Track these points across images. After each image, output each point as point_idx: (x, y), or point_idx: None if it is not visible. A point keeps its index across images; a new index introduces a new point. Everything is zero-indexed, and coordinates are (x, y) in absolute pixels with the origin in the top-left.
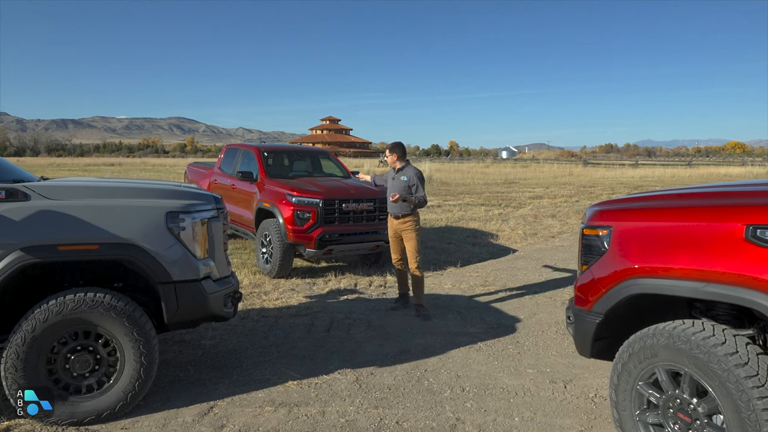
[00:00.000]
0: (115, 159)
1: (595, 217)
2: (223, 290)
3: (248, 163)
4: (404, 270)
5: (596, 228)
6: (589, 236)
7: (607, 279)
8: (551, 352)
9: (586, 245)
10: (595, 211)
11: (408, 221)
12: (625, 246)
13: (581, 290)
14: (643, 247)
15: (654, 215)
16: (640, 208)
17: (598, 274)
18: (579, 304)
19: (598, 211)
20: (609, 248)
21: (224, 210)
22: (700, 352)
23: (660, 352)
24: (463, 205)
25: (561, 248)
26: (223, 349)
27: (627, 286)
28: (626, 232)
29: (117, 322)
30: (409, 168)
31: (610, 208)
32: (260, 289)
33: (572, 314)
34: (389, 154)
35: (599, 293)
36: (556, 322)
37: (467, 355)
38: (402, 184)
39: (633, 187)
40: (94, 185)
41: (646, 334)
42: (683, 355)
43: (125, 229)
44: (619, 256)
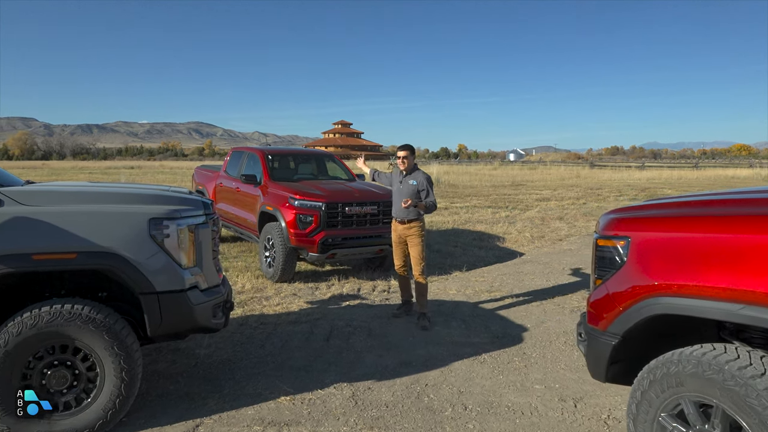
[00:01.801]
0: (136, 162)
1: (611, 226)
2: (211, 300)
3: (252, 166)
4: (407, 277)
5: (612, 238)
6: (604, 247)
7: (625, 296)
8: (560, 366)
9: (601, 257)
10: (610, 219)
11: (414, 226)
12: (645, 259)
13: (595, 307)
14: (667, 261)
15: (680, 225)
16: (664, 217)
17: (614, 290)
18: (592, 323)
19: (614, 219)
20: (627, 261)
21: (214, 215)
22: (735, 383)
23: (687, 381)
24: (470, 208)
25: (569, 252)
26: (217, 359)
27: (648, 305)
28: (647, 243)
29: (96, 336)
30: (418, 172)
31: (628, 216)
32: (261, 294)
33: (584, 332)
34: (402, 157)
35: (616, 312)
36: (565, 331)
37: (471, 367)
38: (411, 189)
39: (640, 189)
40: (74, 190)
41: (671, 360)
42: (714, 386)
43: (105, 237)
44: (639, 271)
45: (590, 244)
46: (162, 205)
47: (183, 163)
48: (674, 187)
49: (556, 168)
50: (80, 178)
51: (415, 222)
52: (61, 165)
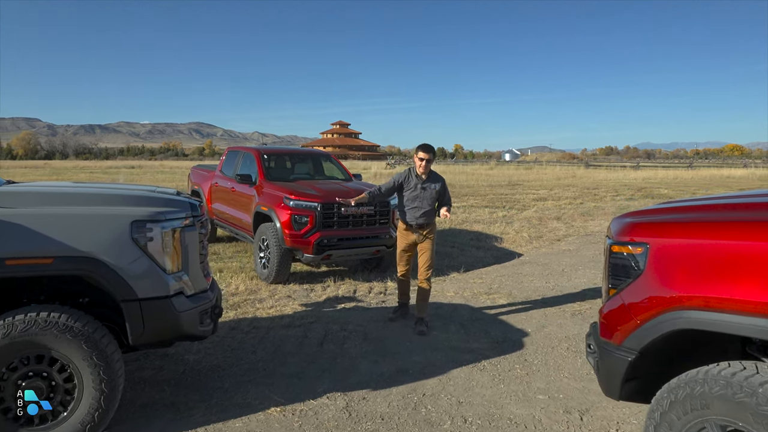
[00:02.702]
0: (137, 162)
1: (627, 230)
2: (198, 307)
3: (248, 165)
4: (408, 281)
5: (628, 245)
6: (618, 255)
7: (643, 308)
8: (563, 374)
9: (615, 265)
10: (626, 223)
11: (431, 230)
12: (666, 268)
13: (609, 319)
14: (691, 270)
15: (706, 231)
16: (687, 222)
17: (630, 301)
18: (605, 336)
19: (630, 224)
20: (645, 270)
21: (202, 217)
22: None
23: (714, 404)
24: (467, 207)
25: (567, 252)
26: (206, 366)
27: (670, 320)
28: (668, 251)
29: (73, 345)
30: (435, 174)
31: (646, 220)
32: (255, 296)
33: (595, 345)
34: (427, 160)
35: (632, 325)
36: (567, 336)
37: (470, 375)
38: (434, 195)
39: (636, 189)
40: (52, 191)
41: (695, 379)
42: (746, 411)
43: (84, 241)
44: (660, 281)
45: (589, 244)
46: (145, 207)
47: (183, 162)
48: (670, 187)
49: (552, 168)
50: (80, 177)
51: (432, 227)
52: (63, 165)
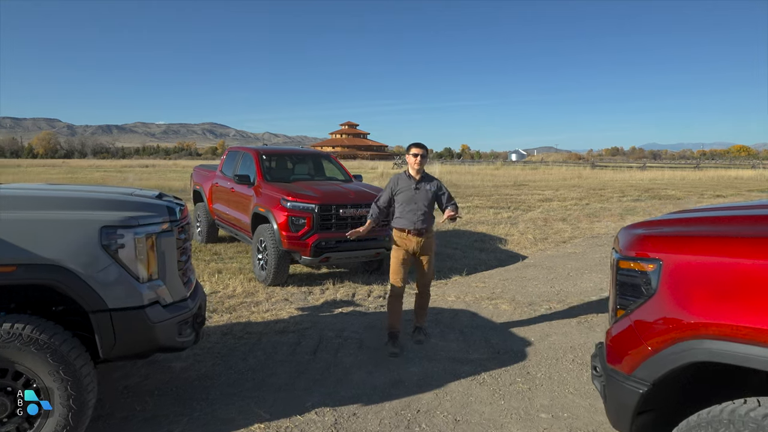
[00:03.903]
0: (151, 161)
1: (637, 244)
2: (175, 317)
3: (246, 166)
4: (402, 302)
5: (639, 261)
6: (627, 271)
7: (656, 335)
8: (568, 389)
9: (623, 283)
10: (636, 236)
11: (431, 237)
12: (684, 289)
13: (617, 344)
14: (713, 292)
15: (733, 247)
16: (709, 236)
17: (641, 325)
18: (613, 362)
19: (641, 236)
20: (658, 290)
21: (181, 222)
22: None
23: None
24: (471, 208)
25: (573, 255)
26: (193, 374)
27: (687, 350)
28: (686, 268)
29: (39, 359)
30: (428, 175)
31: (660, 232)
32: (252, 299)
33: (602, 371)
34: (421, 155)
35: (644, 353)
36: (572, 347)
37: (469, 389)
38: (430, 195)
39: (643, 189)
40: (17, 194)
41: (718, 419)
42: None
43: (49, 248)
44: (675, 304)
45: (595, 247)
46: (117, 212)
47: (196, 161)
48: (678, 188)
49: (558, 168)
50: (95, 176)
51: (431, 233)
52: (80, 163)
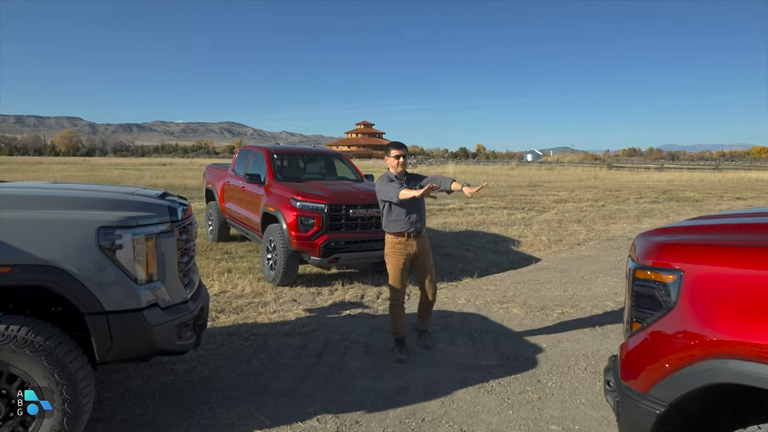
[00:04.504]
0: (169, 159)
1: (656, 252)
2: (174, 320)
3: (258, 165)
4: (404, 308)
5: (657, 271)
6: (644, 282)
7: (676, 351)
8: (580, 400)
9: (640, 294)
10: (654, 243)
11: (426, 238)
12: (707, 303)
13: (632, 359)
14: (740, 307)
15: (762, 258)
16: (735, 245)
17: (659, 340)
18: (628, 379)
19: (660, 244)
20: (678, 303)
21: (182, 222)
22: None
23: None
24: (485, 209)
25: (588, 258)
26: (196, 377)
27: (709, 369)
28: (710, 280)
29: (33, 362)
30: (411, 173)
31: (681, 240)
32: (260, 299)
33: (616, 386)
34: (403, 156)
35: (661, 370)
36: (585, 354)
37: (476, 398)
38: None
39: (661, 191)
40: (13, 193)
41: None
42: None
43: (45, 248)
44: (697, 319)
45: (610, 249)
46: (115, 211)
47: (213, 160)
48: (696, 190)
49: (574, 169)
50: (113, 173)
51: (426, 234)
52: (99, 161)
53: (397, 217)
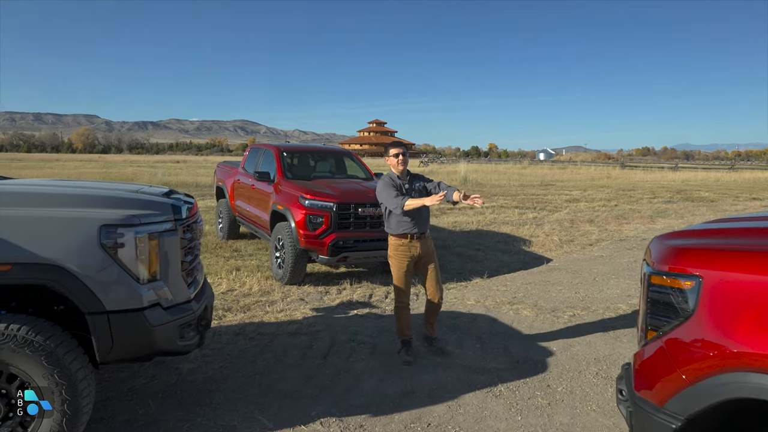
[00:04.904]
0: (183, 156)
1: (673, 257)
2: (176, 320)
3: (267, 163)
4: (409, 310)
5: (675, 276)
6: (660, 288)
7: (694, 363)
8: (591, 406)
9: (656, 301)
10: (671, 247)
11: (431, 239)
12: (727, 311)
13: (646, 369)
14: (765, 318)
15: None
16: (759, 249)
17: (677, 351)
18: (642, 390)
19: (677, 248)
20: (697, 311)
21: (187, 221)
22: None
23: None
24: (496, 208)
25: (600, 259)
26: (200, 377)
27: (730, 383)
28: (732, 288)
29: (33, 362)
30: (413, 173)
31: (700, 244)
32: (267, 298)
33: (629, 396)
34: (402, 154)
35: (678, 382)
36: (596, 359)
37: (484, 402)
38: (421, 193)
39: (675, 191)
40: (14, 190)
41: None
42: None
43: (47, 246)
44: (717, 329)
45: (623, 250)
46: (117, 209)
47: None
48: (711, 190)
49: (586, 168)
50: (127, 171)
51: (429, 234)
52: (114, 158)
53: (399, 219)
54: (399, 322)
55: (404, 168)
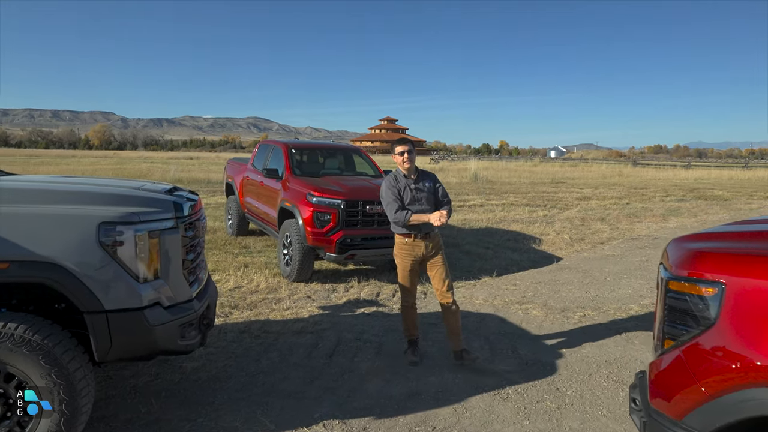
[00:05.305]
0: (196, 153)
1: (693, 261)
2: (177, 319)
3: (276, 160)
4: (416, 310)
5: (695, 282)
6: (679, 294)
7: (716, 376)
8: (601, 411)
9: (674, 308)
10: (691, 251)
11: (439, 239)
12: (754, 322)
13: (663, 380)
14: None
15: None
16: None
17: (696, 362)
18: (657, 403)
19: (696, 252)
20: (719, 320)
21: (189, 218)
22: None
23: None
24: (506, 205)
25: (611, 258)
26: (204, 375)
27: (755, 399)
28: (758, 296)
29: (30, 361)
30: (423, 171)
31: (722, 248)
32: (274, 296)
33: (643, 407)
34: (408, 152)
35: (698, 396)
36: (607, 361)
37: (491, 406)
38: (431, 193)
39: (688, 189)
40: (12, 186)
41: None
42: None
43: (44, 244)
44: (742, 340)
45: (635, 249)
46: (117, 207)
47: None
48: (725, 188)
49: (598, 166)
50: (142, 167)
51: (438, 236)
52: (129, 155)
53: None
54: (405, 322)
55: (411, 166)
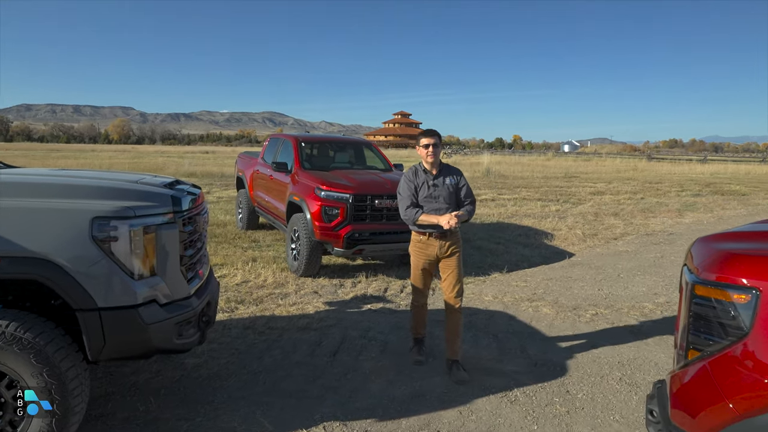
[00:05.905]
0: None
1: (722, 264)
2: (174, 317)
3: (285, 153)
4: (427, 309)
5: (724, 288)
6: (706, 300)
7: (746, 392)
8: (613, 416)
9: (700, 315)
10: (719, 252)
11: (456, 241)
12: None
13: (686, 395)
14: None
15: None
16: None
17: (725, 376)
18: (680, 418)
19: (726, 254)
20: (754, 332)
21: (188, 213)
22: None
23: None
24: (518, 200)
25: (625, 254)
26: (205, 373)
27: None
28: None
29: (22, 359)
30: (447, 166)
31: (755, 250)
32: (281, 291)
33: (661, 420)
34: (432, 145)
35: (727, 416)
36: (620, 362)
37: (497, 408)
38: (451, 191)
39: (704, 184)
40: (3, 180)
41: None
42: None
43: (35, 240)
44: None
45: (649, 245)
46: (112, 201)
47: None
48: (742, 183)
49: (612, 160)
50: (158, 161)
51: (456, 237)
52: (147, 149)
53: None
54: (413, 320)
55: (434, 160)
